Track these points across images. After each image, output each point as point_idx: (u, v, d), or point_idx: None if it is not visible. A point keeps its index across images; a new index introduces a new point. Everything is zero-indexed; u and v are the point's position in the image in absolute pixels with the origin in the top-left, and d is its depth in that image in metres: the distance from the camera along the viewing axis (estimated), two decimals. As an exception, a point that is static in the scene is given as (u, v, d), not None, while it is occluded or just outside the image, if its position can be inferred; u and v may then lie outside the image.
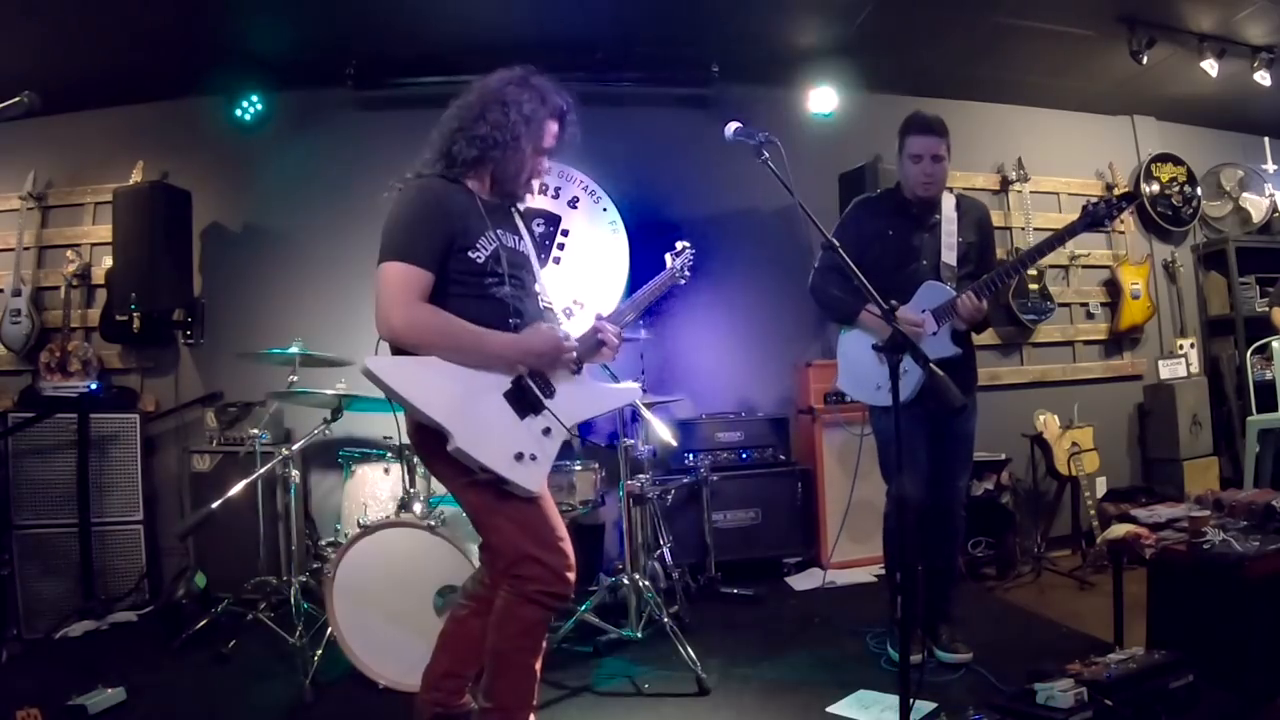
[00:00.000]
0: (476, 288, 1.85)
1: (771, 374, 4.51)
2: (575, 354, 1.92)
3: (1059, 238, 2.58)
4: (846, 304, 2.68)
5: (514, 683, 1.85)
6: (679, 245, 2.35)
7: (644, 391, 3.57)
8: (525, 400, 1.85)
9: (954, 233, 2.70)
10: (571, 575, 1.85)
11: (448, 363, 1.78)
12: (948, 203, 2.74)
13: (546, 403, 1.87)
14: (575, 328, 2.07)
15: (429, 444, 1.81)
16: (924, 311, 2.60)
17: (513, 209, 2.06)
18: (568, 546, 1.86)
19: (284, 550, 3.51)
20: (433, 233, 1.80)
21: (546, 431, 1.86)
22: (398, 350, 1.82)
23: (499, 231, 1.91)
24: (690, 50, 4.20)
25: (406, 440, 2.32)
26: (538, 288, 2.03)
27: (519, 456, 1.79)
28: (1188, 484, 4.41)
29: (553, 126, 1.98)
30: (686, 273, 2.33)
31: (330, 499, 3.98)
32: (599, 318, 2.05)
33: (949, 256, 2.68)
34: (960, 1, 3.77)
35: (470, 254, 1.84)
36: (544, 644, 1.89)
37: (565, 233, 4.38)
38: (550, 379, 1.91)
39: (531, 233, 2.11)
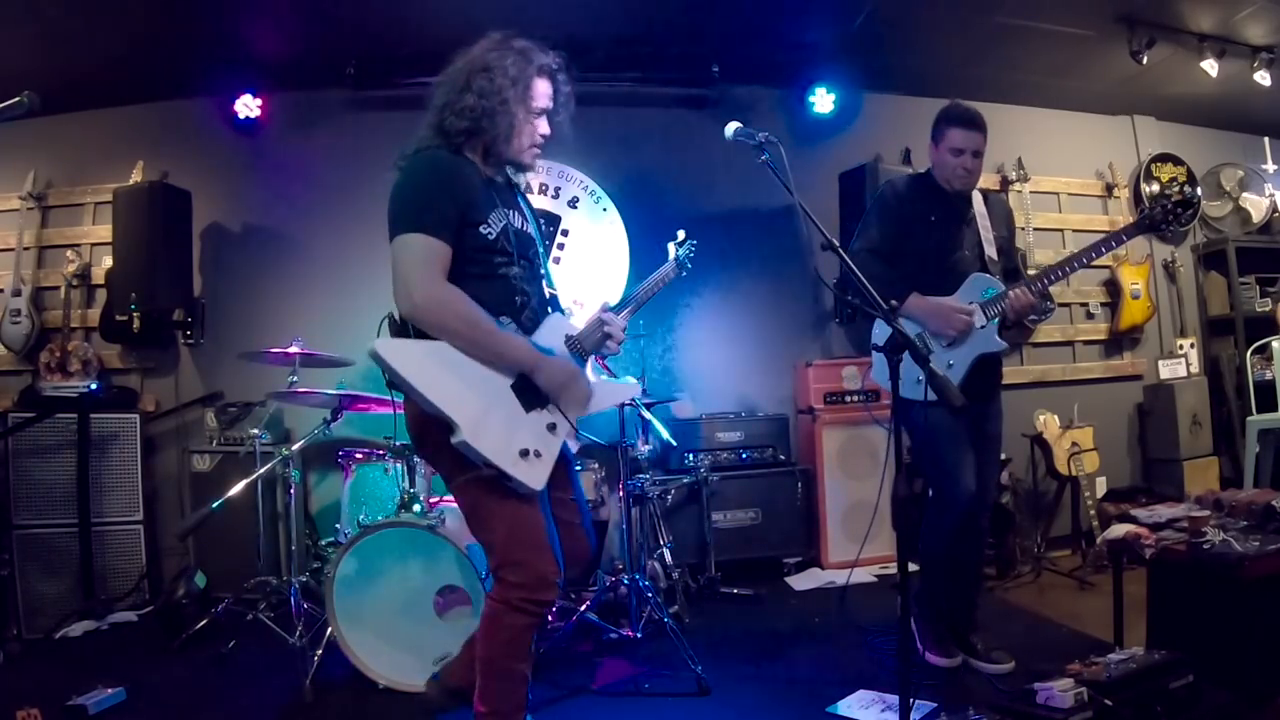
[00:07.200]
0: (487, 265, 1.82)
1: (771, 374, 4.51)
2: (588, 397, 1.89)
3: (1117, 239, 2.57)
4: (890, 289, 2.48)
5: (506, 689, 1.81)
6: (680, 235, 2.34)
7: (644, 391, 3.57)
8: (533, 393, 1.82)
9: (989, 227, 2.69)
10: (558, 580, 1.81)
11: (458, 352, 1.74)
12: (975, 196, 2.72)
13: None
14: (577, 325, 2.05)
15: (431, 434, 1.76)
16: (972, 303, 2.57)
17: (518, 192, 2.02)
18: (558, 551, 1.83)
19: (284, 550, 3.51)
20: (446, 203, 1.76)
21: (552, 428, 1.84)
22: (400, 331, 1.78)
23: (508, 210, 1.88)
24: (690, 50, 4.19)
25: (406, 440, 2.31)
26: (543, 272, 2.00)
27: (524, 453, 1.75)
28: (1188, 484, 4.41)
29: (543, 86, 1.92)
30: (688, 264, 2.31)
31: (330, 499, 3.98)
32: (605, 309, 2.03)
33: (990, 250, 2.67)
34: (960, 1, 3.77)
35: (482, 229, 1.80)
36: (532, 650, 1.85)
37: (565, 233, 4.38)
38: None
39: (536, 216, 2.08)
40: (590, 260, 4.35)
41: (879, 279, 2.52)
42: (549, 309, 1.97)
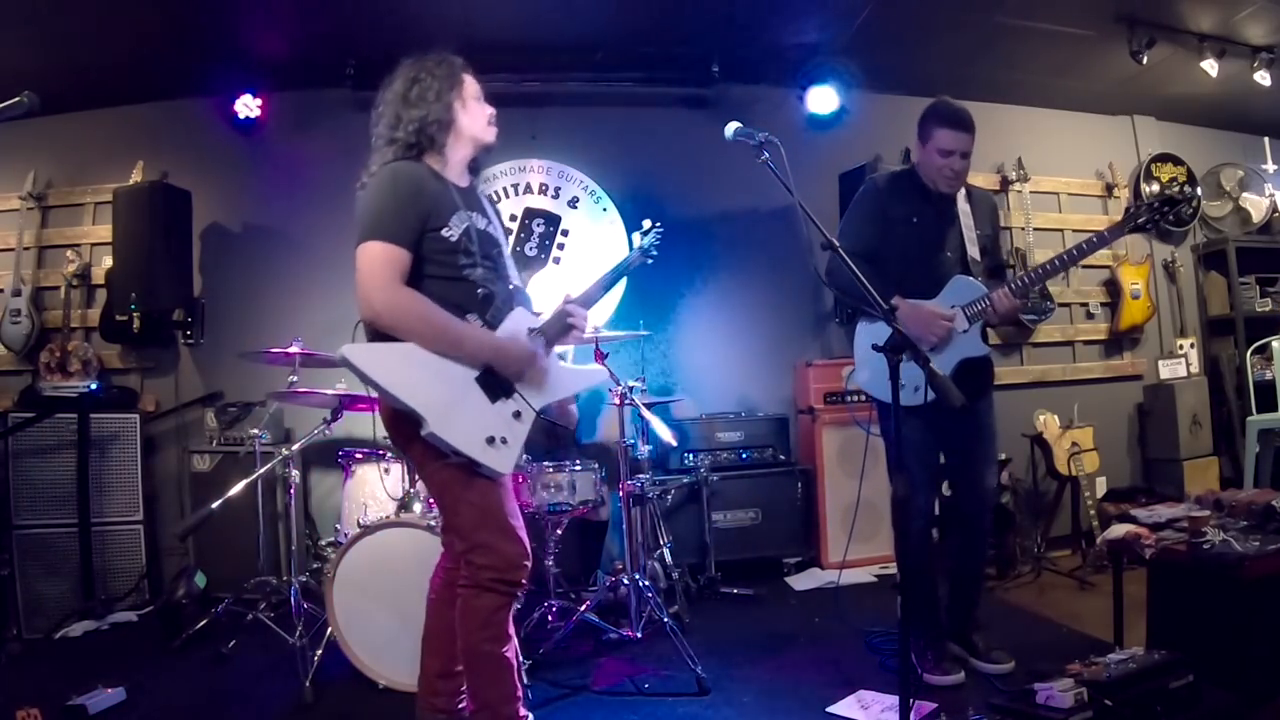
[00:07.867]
0: (451, 267, 1.91)
1: (771, 374, 4.51)
2: (544, 373, 2.00)
3: (1101, 239, 2.47)
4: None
5: (490, 677, 1.87)
6: (645, 224, 2.42)
7: (644, 391, 3.56)
8: (496, 384, 1.92)
9: (972, 226, 2.62)
10: (527, 563, 1.90)
11: (423, 349, 1.84)
12: (959, 193, 2.65)
13: (516, 386, 1.96)
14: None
15: (403, 428, 1.87)
16: (953, 307, 2.51)
17: (481, 195, 2.11)
18: (523, 535, 1.93)
19: (284, 550, 3.52)
20: (408, 211, 1.86)
21: (517, 415, 1.95)
22: (375, 333, 1.88)
23: (470, 213, 1.97)
24: (690, 50, 4.19)
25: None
26: (509, 271, 2.09)
27: (490, 440, 1.86)
28: (1188, 484, 4.41)
29: (468, 78, 2.04)
30: (653, 251, 2.41)
31: (330, 499, 3.99)
32: (567, 299, 2.11)
33: (973, 250, 2.60)
34: (960, 1, 3.77)
35: (444, 232, 1.89)
36: (510, 633, 1.91)
37: (565, 233, 4.38)
38: None
39: (498, 215, 2.17)
40: (590, 260, 4.34)
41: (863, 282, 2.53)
42: (513, 304, 2.05)
